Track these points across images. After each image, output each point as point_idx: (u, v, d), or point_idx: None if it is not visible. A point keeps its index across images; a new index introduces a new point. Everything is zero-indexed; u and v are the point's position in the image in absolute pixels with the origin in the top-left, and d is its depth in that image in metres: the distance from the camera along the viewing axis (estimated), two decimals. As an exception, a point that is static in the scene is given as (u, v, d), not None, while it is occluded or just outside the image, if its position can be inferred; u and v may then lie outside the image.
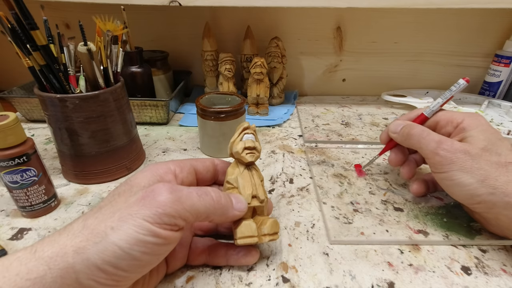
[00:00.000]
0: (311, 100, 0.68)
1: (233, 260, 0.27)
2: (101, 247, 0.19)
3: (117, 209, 0.20)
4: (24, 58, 0.34)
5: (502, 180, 0.27)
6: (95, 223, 0.20)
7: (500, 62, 0.62)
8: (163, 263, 0.26)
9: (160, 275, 0.26)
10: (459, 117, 0.32)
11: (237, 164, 0.28)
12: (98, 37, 0.37)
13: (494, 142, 0.29)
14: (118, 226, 0.19)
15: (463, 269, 0.28)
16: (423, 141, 0.31)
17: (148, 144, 0.49)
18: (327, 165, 0.44)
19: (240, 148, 0.27)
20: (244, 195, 0.26)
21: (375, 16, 0.63)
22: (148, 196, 0.21)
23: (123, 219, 0.20)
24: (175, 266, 0.27)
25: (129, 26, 0.51)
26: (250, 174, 0.28)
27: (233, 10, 0.62)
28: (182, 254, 0.27)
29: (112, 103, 0.37)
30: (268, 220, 0.27)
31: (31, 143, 0.31)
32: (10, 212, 0.34)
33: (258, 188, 0.27)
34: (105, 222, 0.20)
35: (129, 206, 0.20)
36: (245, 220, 0.26)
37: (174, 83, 0.65)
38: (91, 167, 0.38)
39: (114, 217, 0.20)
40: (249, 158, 0.27)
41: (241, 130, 0.29)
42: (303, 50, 0.67)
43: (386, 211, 0.35)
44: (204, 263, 0.28)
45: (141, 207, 0.20)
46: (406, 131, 0.33)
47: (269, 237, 0.26)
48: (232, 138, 0.29)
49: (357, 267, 0.28)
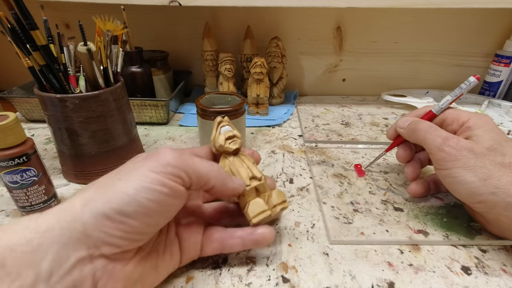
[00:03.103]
0: (311, 100, 0.68)
1: (249, 242, 0.27)
2: (109, 196, 0.20)
3: (123, 167, 0.22)
4: (24, 58, 0.34)
5: (505, 180, 0.27)
6: (103, 180, 0.21)
7: (500, 62, 0.62)
8: (177, 248, 0.26)
9: (174, 259, 0.26)
10: (466, 116, 0.32)
11: (225, 157, 0.30)
12: (98, 37, 0.37)
13: (500, 142, 0.29)
14: (125, 178, 0.21)
15: (463, 269, 0.28)
16: (429, 136, 0.31)
17: (148, 144, 0.49)
18: (327, 165, 0.44)
19: (222, 140, 0.29)
20: (242, 179, 0.28)
21: (375, 16, 0.63)
22: (152, 154, 0.22)
23: (130, 172, 0.21)
24: (189, 252, 0.27)
25: (129, 26, 0.51)
26: (240, 159, 0.29)
27: (233, 10, 0.62)
28: (195, 239, 0.27)
29: (112, 103, 0.37)
30: (272, 192, 0.28)
31: (31, 143, 0.31)
32: (10, 212, 0.34)
33: (252, 169, 0.29)
34: (113, 177, 0.21)
35: (135, 163, 0.22)
36: (251, 201, 0.27)
37: (174, 83, 0.65)
38: (91, 167, 0.38)
39: (121, 173, 0.21)
40: (233, 146, 0.29)
41: (217, 125, 0.30)
42: (303, 50, 0.67)
43: (386, 211, 0.35)
44: (219, 252, 0.28)
45: (146, 161, 0.22)
46: (413, 126, 0.33)
47: (279, 206, 0.28)
48: (212, 136, 0.30)
49: (357, 267, 0.28)
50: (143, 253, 0.23)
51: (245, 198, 0.28)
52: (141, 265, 0.22)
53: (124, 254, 0.21)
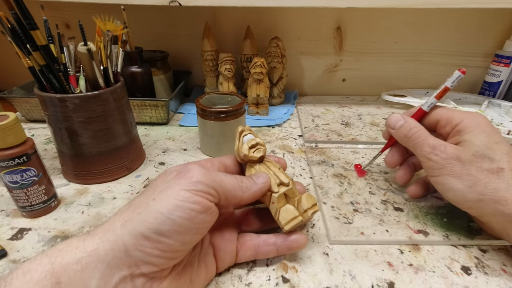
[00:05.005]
0: (311, 100, 0.68)
1: (284, 248, 0.28)
2: (144, 216, 0.21)
3: (156, 187, 0.23)
4: (24, 58, 0.34)
5: (492, 187, 0.27)
6: (138, 200, 0.22)
7: (500, 62, 0.62)
8: (211, 259, 0.26)
9: (210, 270, 0.26)
10: (459, 118, 0.31)
11: (251, 165, 0.29)
12: (98, 37, 0.37)
13: (490, 146, 0.28)
14: (159, 197, 0.22)
15: (463, 269, 0.28)
16: (418, 146, 0.31)
17: (148, 144, 0.49)
18: (327, 165, 0.44)
19: (246, 149, 0.29)
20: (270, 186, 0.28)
21: (375, 16, 0.63)
22: (183, 171, 0.23)
23: (163, 191, 0.22)
24: (225, 260, 0.27)
25: (129, 26, 0.51)
26: (266, 167, 0.29)
27: (233, 10, 0.62)
28: (230, 248, 0.27)
29: (112, 103, 0.37)
30: (302, 196, 0.28)
31: (31, 143, 0.31)
32: (10, 212, 0.34)
33: (279, 175, 0.28)
34: (147, 197, 0.22)
35: (167, 182, 0.23)
36: (281, 207, 0.27)
37: (174, 83, 0.65)
38: (91, 167, 0.38)
39: (155, 192, 0.22)
40: (257, 154, 0.29)
41: (239, 135, 0.30)
42: (303, 50, 0.67)
43: (386, 211, 0.35)
44: (253, 259, 0.28)
45: (177, 180, 0.23)
46: (404, 133, 0.33)
47: (310, 210, 0.27)
48: (235, 146, 0.30)
49: (357, 267, 0.28)
50: (179, 268, 0.23)
51: (275, 205, 0.27)
52: (176, 281, 0.23)
53: (161, 272, 0.22)
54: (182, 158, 0.45)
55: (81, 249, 0.20)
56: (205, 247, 0.26)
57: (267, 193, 0.27)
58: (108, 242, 0.20)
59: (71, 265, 0.19)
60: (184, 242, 0.22)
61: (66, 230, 0.32)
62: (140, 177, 0.41)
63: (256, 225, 0.31)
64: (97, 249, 0.20)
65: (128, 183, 0.40)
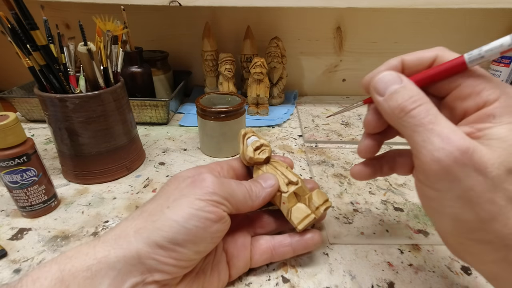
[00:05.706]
0: (311, 100, 0.68)
1: (300, 248, 0.27)
2: (159, 224, 0.21)
3: (170, 194, 0.23)
4: (24, 58, 0.34)
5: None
6: (152, 207, 0.22)
7: (500, 62, 0.62)
8: (224, 266, 0.26)
9: (222, 278, 0.26)
10: (494, 93, 0.18)
11: (258, 168, 0.29)
12: (98, 37, 0.37)
13: None
14: (174, 205, 0.22)
15: (463, 269, 0.28)
16: (419, 131, 0.18)
17: (148, 144, 0.49)
18: (327, 165, 0.44)
19: (251, 152, 0.29)
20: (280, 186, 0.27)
21: (375, 16, 0.63)
22: (197, 180, 0.23)
23: (178, 199, 0.22)
24: (238, 267, 0.26)
25: (129, 26, 0.51)
26: (273, 167, 0.29)
27: (233, 10, 0.62)
28: (244, 254, 0.27)
29: (112, 103, 0.37)
30: (312, 194, 0.27)
31: (31, 143, 0.31)
32: (10, 212, 0.34)
33: (287, 174, 0.28)
34: (161, 204, 0.22)
35: (181, 190, 0.23)
36: (292, 207, 0.27)
37: (174, 83, 0.65)
38: (91, 167, 0.38)
39: (169, 200, 0.22)
40: (263, 156, 0.29)
41: (242, 138, 0.30)
42: (303, 50, 0.67)
43: (386, 211, 0.35)
44: (268, 262, 0.28)
45: (192, 188, 0.23)
46: (398, 102, 0.19)
47: (322, 207, 0.27)
48: (240, 150, 0.30)
49: (357, 267, 0.28)
50: (191, 276, 0.23)
51: (286, 205, 0.27)
52: None
53: (173, 280, 0.22)
54: (182, 158, 0.45)
55: (91, 256, 0.19)
56: (218, 255, 0.26)
57: (277, 194, 0.27)
58: (120, 249, 0.20)
59: (80, 272, 0.19)
60: (198, 251, 0.22)
61: (66, 230, 0.32)
62: (140, 177, 0.41)
63: (271, 227, 0.30)
64: (108, 255, 0.19)
65: (128, 183, 0.40)
